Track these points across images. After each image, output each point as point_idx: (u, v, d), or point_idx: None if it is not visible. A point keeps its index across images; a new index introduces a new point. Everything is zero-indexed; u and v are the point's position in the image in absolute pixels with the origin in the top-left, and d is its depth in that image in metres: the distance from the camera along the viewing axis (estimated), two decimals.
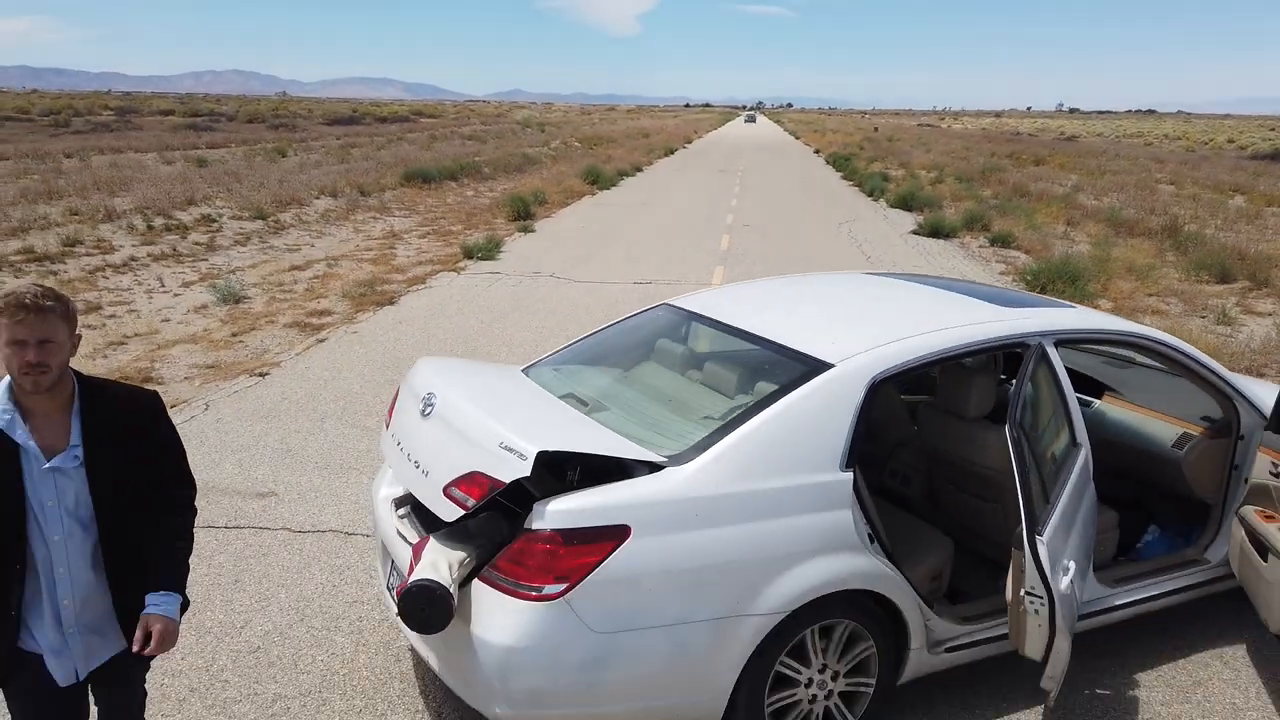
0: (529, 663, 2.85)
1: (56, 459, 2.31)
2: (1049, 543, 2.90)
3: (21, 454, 2.28)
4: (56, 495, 2.32)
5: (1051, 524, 2.98)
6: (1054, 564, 2.90)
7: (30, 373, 2.23)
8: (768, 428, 3.18)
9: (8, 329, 2.22)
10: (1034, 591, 2.91)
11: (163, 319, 10.17)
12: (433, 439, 3.23)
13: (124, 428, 2.41)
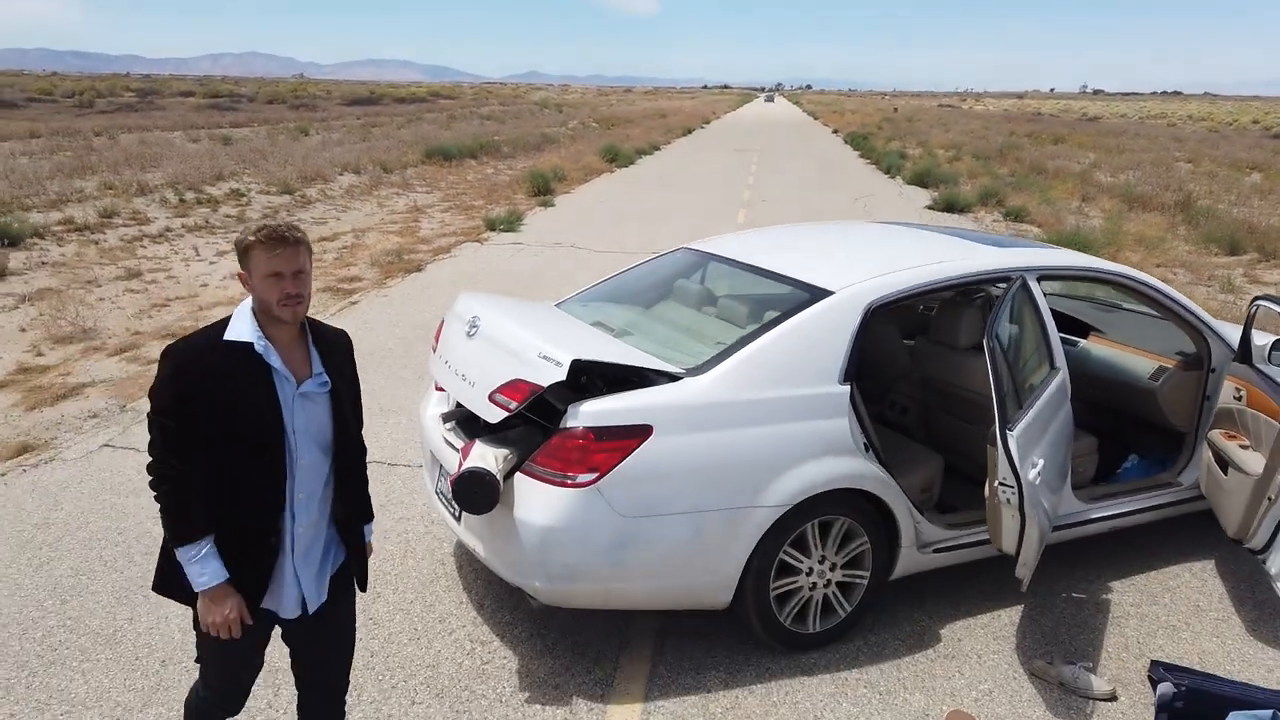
0: (564, 541, 3.28)
1: (306, 384, 2.39)
2: (1018, 438, 3.29)
3: (275, 379, 2.36)
4: (305, 420, 2.40)
5: (1023, 423, 3.38)
6: (1023, 458, 3.29)
7: (288, 303, 2.31)
8: (775, 345, 3.59)
9: (266, 261, 2.28)
10: (1005, 482, 3.31)
11: (200, 284, 10.64)
12: (477, 355, 3.65)
13: (340, 359, 2.50)
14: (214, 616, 2.36)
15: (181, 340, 2.36)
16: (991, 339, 3.33)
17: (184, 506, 2.32)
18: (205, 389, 2.28)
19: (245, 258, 2.31)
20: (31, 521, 4.74)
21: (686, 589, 3.50)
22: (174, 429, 2.29)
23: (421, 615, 3.96)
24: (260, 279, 2.29)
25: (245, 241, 2.31)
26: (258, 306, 2.34)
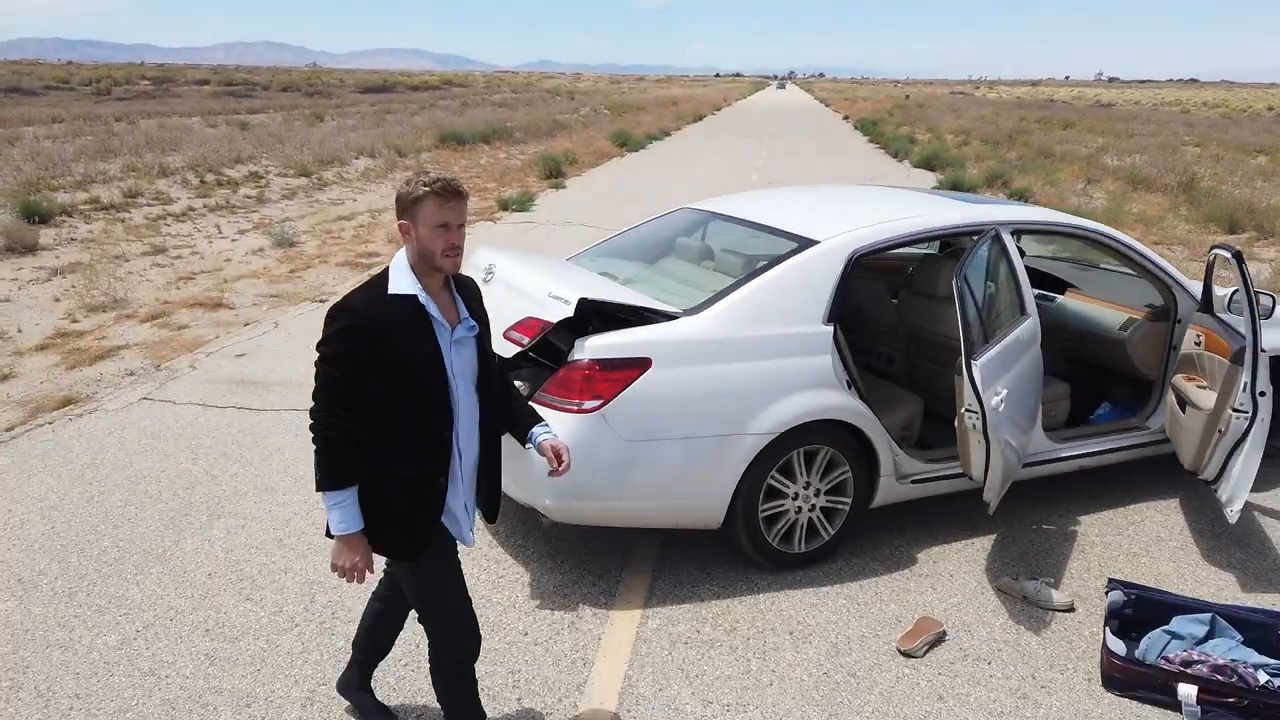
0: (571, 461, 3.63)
1: (458, 330, 2.50)
2: (982, 368, 3.62)
3: (435, 328, 2.46)
4: (461, 364, 2.52)
5: (987, 356, 3.70)
6: (986, 386, 3.62)
7: (451, 254, 2.41)
8: (765, 288, 3.93)
9: (437, 212, 2.36)
10: (971, 408, 3.64)
11: (224, 259, 11.03)
12: (494, 297, 3.97)
13: (476, 304, 2.62)
14: (345, 561, 2.49)
15: (347, 298, 2.43)
16: (960, 280, 3.65)
17: (342, 455, 2.42)
18: (375, 343, 2.37)
19: (414, 208, 2.38)
20: (80, 462, 5.13)
21: (683, 509, 3.85)
22: (343, 381, 2.39)
23: None
24: (428, 229, 2.37)
25: (415, 193, 2.37)
26: (418, 257, 2.43)
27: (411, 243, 2.43)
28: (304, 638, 3.56)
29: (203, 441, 5.42)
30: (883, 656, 3.51)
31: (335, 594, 3.85)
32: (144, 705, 3.16)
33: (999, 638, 3.66)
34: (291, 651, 3.47)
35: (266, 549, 4.21)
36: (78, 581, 3.92)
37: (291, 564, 4.09)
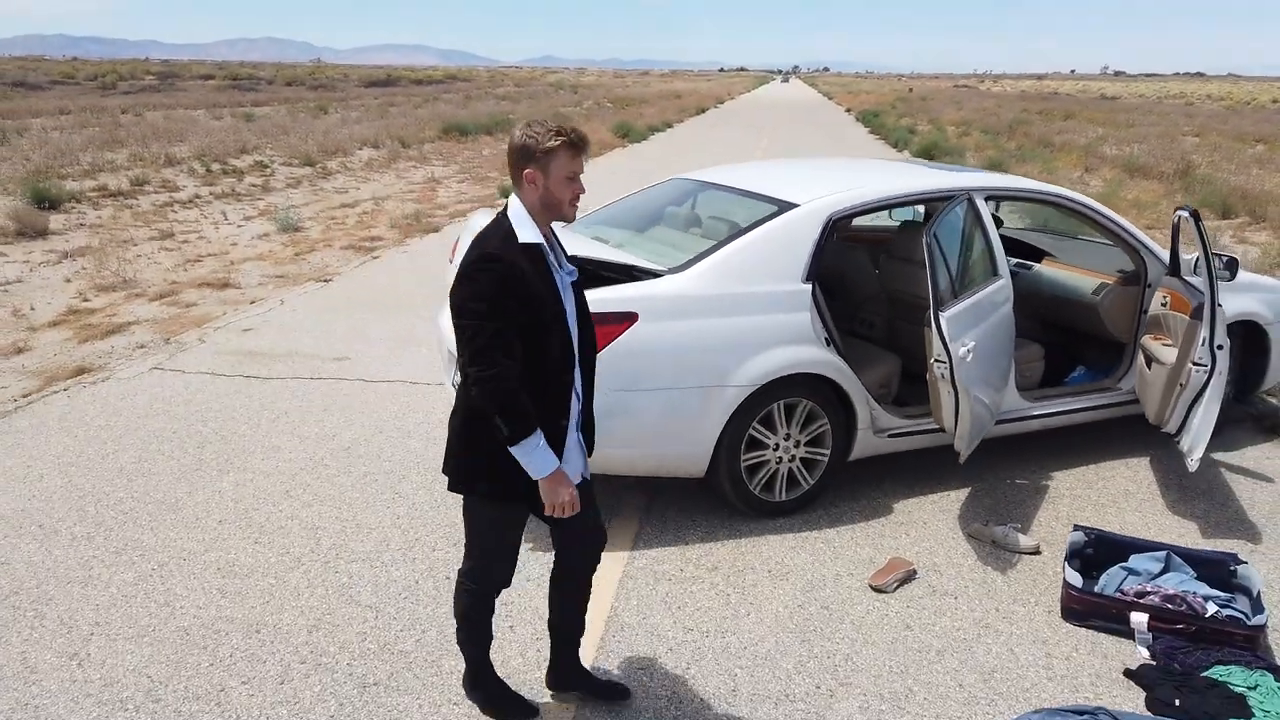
0: None
1: (566, 275, 2.61)
2: (950, 319, 3.81)
3: (554, 274, 2.55)
4: (571, 307, 2.60)
5: (955, 309, 3.90)
6: (954, 337, 3.81)
7: (575, 204, 2.52)
8: (747, 248, 4.13)
9: (569, 163, 2.45)
10: (939, 358, 3.84)
11: (230, 243, 11.25)
12: None
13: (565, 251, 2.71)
14: (560, 498, 2.54)
15: (486, 251, 2.45)
16: (930, 237, 3.85)
17: (519, 402, 2.44)
18: (517, 289, 2.42)
19: (546, 158, 2.43)
20: (96, 424, 5.35)
21: (668, 456, 4.06)
22: (499, 330, 2.40)
23: (441, 489, 4.53)
24: (558, 179, 2.45)
25: (548, 144, 2.43)
26: (543, 204, 2.49)
27: (536, 191, 2.47)
28: (309, 575, 3.77)
29: (211, 406, 5.64)
30: (855, 592, 3.71)
31: (339, 537, 4.07)
32: (160, 631, 3.38)
33: (966, 576, 3.86)
34: (298, 587, 3.69)
35: (274, 500, 4.43)
36: (95, 527, 4.14)
37: (297, 512, 4.30)
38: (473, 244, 2.51)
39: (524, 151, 2.46)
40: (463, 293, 2.44)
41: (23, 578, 3.72)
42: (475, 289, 2.41)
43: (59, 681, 3.10)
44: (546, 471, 2.51)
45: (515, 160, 2.48)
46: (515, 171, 2.49)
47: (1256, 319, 5.19)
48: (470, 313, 2.41)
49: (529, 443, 2.47)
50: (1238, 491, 4.69)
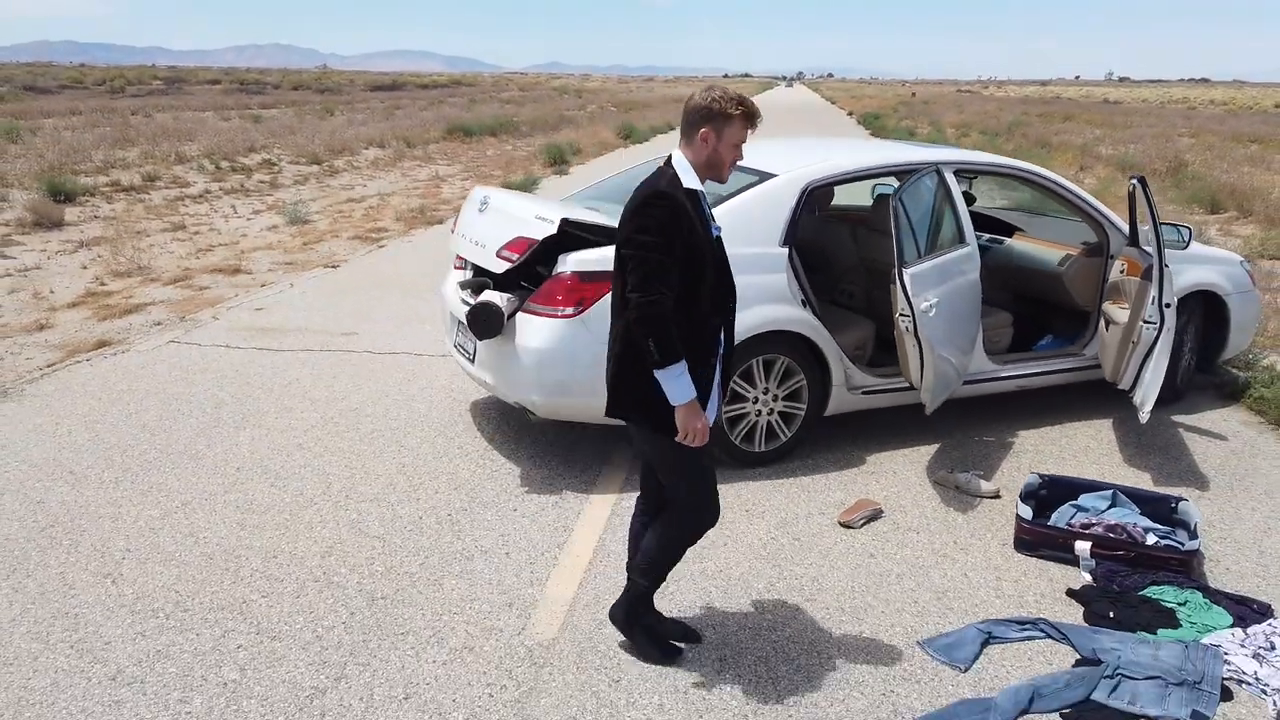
0: (555, 360, 4.16)
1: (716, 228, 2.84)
2: (913, 276, 4.12)
3: (708, 223, 2.78)
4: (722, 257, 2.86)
5: (918, 267, 4.20)
6: (917, 293, 4.12)
7: (731, 168, 2.78)
8: (730, 213, 4.43)
9: (741, 132, 2.71)
10: (904, 312, 4.14)
11: (240, 234, 11.58)
12: (488, 224, 4.52)
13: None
14: (695, 424, 2.68)
15: (657, 190, 2.67)
16: (896, 201, 4.16)
17: (671, 331, 2.61)
18: (683, 226, 2.64)
19: (723, 123, 2.69)
20: (119, 388, 5.67)
21: None
22: (662, 261, 2.60)
23: (444, 443, 4.85)
24: (728, 143, 2.71)
25: (729, 111, 2.68)
26: (706, 164, 2.74)
27: (705, 150, 2.72)
28: (321, 512, 4.09)
29: (227, 373, 5.96)
30: (825, 528, 4.02)
31: (348, 482, 4.39)
32: (185, 556, 3.69)
33: (929, 515, 4.16)
34: (311, 522, 4.00)
35: (287, 451, 4.75)
36: (122, 473, 4.46)
37: (310, 461, 4.62)
38: (639, 188, 2.74)
39: (705, 112, 2.70)
40: (633, 225, 2.65)
41: (57, 514, 4.04)
42: (645, 222, 2.64)
43: (95, 595, 3.41)
44: (686, 399, 2.67)
45: (693, 118, 2.72)
46: (689, 128, 2.73)
47: (1216, 289, 5.49)
48: (638, 244, 2.63)
49: (675, 368, 2.63)
50: (1192, 448, 4.99)
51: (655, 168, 2.83)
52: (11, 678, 2.95)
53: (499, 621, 3.29)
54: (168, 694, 2.88)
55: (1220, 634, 3.24)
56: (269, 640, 3.16)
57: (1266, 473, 4.69)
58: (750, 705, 2.88)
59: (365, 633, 3.21)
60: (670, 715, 2.82)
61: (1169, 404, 5.50)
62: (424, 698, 2.88)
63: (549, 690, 2.93)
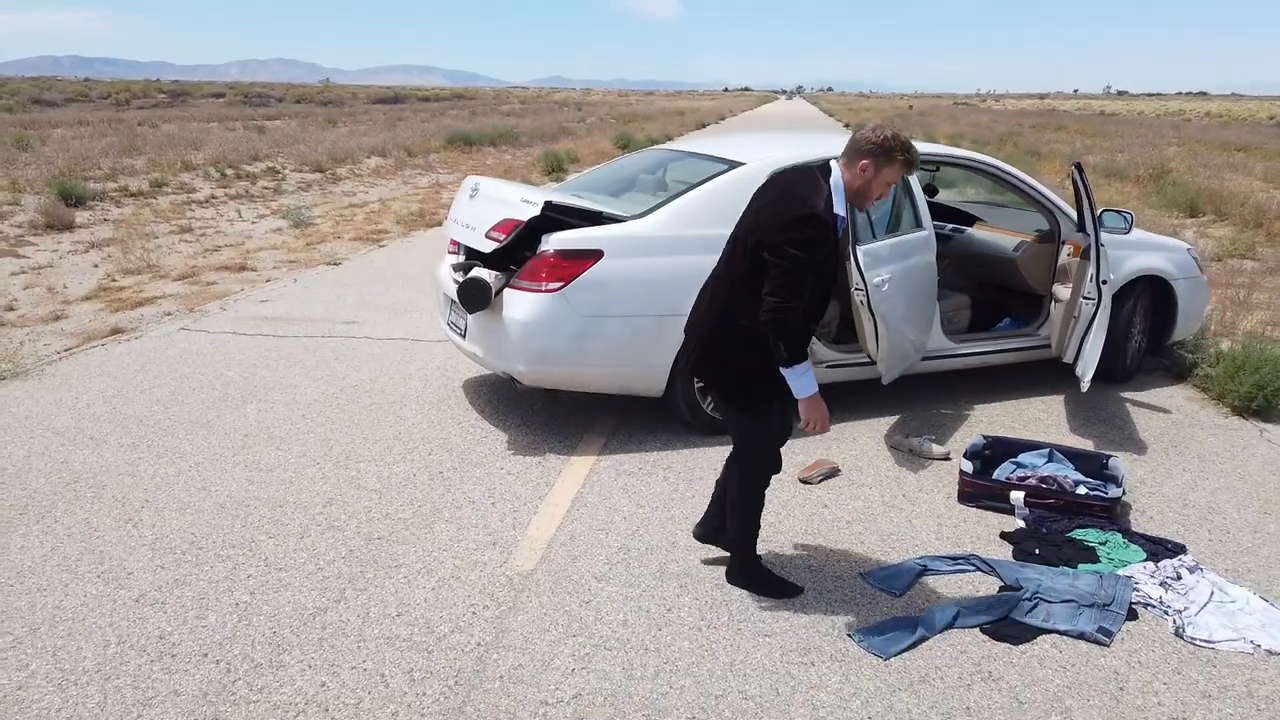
0: (538, 331, 4.52)
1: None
2: (866, 253, 4.48)
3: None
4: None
5: (871, 245, 4.57)
6: (869, 268, 4.48)
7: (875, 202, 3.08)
8: (699, 198, 4.82)
9: (895, 174, 3.00)
10: (858, 287, 4.51)
11: (246, 236, 11.97)
12: (478, 207, 4.89)
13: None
14: (819, 413, 3.05)
15: (812, 211, 2.92)
16: None
17: (801, 334, 2.95)
18: (826, 248, 2.94)
19: (885, 160, 2.97)
20: (132, 368, 6.04)
21: (631, 376, 4.73)
22: (805, 278, 2.91)
23: (437, 414, 5.22)
24: (882, 181, 3.00)
25: (895, 154, 2.97)
26: (858, 190, 3.02)
27: (861, 179, 3.00)
28: (324, 470, 4.45)
29: (234, 355, 6.33)
30: (786, 485, 4.36)
31: (348, 446, 4.75)
32: (199, 505, 4.05)
33: (882, 473, 4.52)
34: (314, 477, 4.36)
35: (291, 420, 5.11)
36: (138, 439, 4.82)
37: (312, 429, 4.98)
38: (793, 193, 3.01)
39: (872, 147, 2.98)
40: (789, 235, 2.90)
41: (79, 471, 4.40)
42: (797, 237, 2.89)
43: (118, 536, 3.77)
44: (809, 393, 3.01)
45: (860, 148, 3.00)
46: (854, 155, 3.01)
47: (1163, 274, 5.85)
48: (788, 256, 2.89)
49: (801, 367, 2.96)
50: (1136, 419, 5.34)
51: (809, 171, 3.10)
52: (46, 599, 3.31)
53: (483, 556, 3.65)
54: (186, 612, 3.23)
55: (1133, 566, 3.59)
56: (276, 571, 3.51)
57: (1202, 440, 5.04)
58: (705, 620, 3.23)
59: (362, 565, 3.57)
60: (633, 629, 3.17)
61: (1120, 383, 5.86)
62: (414, 615, 3.23)
63: (526, 609, 3.29)
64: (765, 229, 3.01)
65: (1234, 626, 3.23)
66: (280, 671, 2.91)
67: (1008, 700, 2.85)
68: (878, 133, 3.01)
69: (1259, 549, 3.84)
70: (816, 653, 3.07)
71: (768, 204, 3.12)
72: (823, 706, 2.80)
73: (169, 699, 2.78)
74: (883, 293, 4.55)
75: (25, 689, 2.82)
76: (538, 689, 2.85)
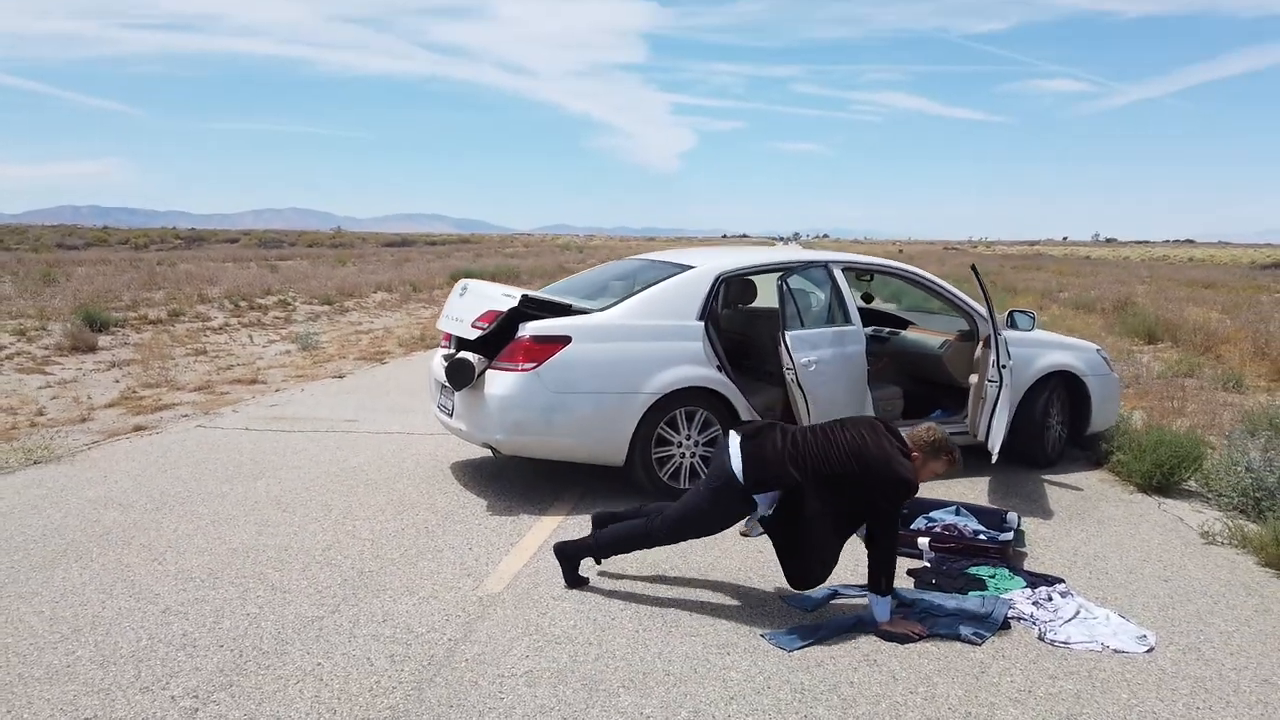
0: (514, 404, 5.24)
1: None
2: (793, 338, 5.24)
3: None
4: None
5: (801, 332, 5.34)
6: (796, 350, 5.24)
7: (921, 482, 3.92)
8: (656, 294, 5.63)
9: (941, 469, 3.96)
10: (788, 366, 5.26)
11: (257, 357, 12.83)
12: (466, 303, 5.70)
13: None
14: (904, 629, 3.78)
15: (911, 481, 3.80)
16: (781, 281, 5.35)
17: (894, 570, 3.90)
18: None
19: (933, 456, 3.91)
20: (154, 454, 6.73)
21: (595, 446, 5.42)
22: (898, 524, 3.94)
23: (426, 487, 5.87)
24: (929, 470, 3.95)
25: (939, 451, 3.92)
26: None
27: (914, 460, 3.90)
28: (324, 525, 5.08)
29: (245, 445, 7.02)
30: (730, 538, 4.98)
31: (345, 509, 5.39)
32: (214, 550, 4.68)
33: None
34: (315, 531, 4.99)
35: (296, 491, 5.77)
36: (160, 504, 5.47)
37: (315, 496, 5.63)
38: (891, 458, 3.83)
39: (925, 441, 3.93)
40: (895, 497, 3.82)
41: (110, 526, 5.04)
42: (898, 498, 3.84)
43: (146, 570, 4.39)
44: (887, 618, 3.83)
45: (918, 441, 3.92)
46: (915, 443, 3.92)
47: (1073, 369, 6.60)
48: (890, 513, 3.85)
49: (890, 598, 3.86)
50: (1050, 494, 5.98)
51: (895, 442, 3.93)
52: (85, 609, 3.91)
53: (458, 583, 4.26)
54: (204, 620, 3.84)
55: (1014, 592, 4.19)
56: (281, 593, 4.13)
57: (1104, 509, 5.68)
58: (642, 625, 3.83)
59: (354, 589, 4.18)
60: (580, 630, 3.77)
61: (1041, 468, 6.52)
62: (397, 622, 3.84)
63: (491, 617, 3.89)
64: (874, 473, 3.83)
65: (1090, 634, 3.82)
66: (283, 656, 3.51)
67: (885, 677, 3.43)
68: (936, 434, 3.95)
69: (1129, 584, 4.44)
70: (732, 647, 3.66)
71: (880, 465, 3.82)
72: (733, 682, 3.38)
73: (191, 673, 3.37)
74: (809, 372, 5.31)
75: (73, 667, 3.41)
76: (497, 668, 3.44)
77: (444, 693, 3.27)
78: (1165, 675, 3.53)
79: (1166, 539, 5.15)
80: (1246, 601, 4.29)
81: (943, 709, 3.23)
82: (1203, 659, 3.68)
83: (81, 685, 3.29)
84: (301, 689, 3.28)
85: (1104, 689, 3.41)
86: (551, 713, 3.15)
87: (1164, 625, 3.98)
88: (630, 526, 4.22)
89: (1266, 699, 3.37)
